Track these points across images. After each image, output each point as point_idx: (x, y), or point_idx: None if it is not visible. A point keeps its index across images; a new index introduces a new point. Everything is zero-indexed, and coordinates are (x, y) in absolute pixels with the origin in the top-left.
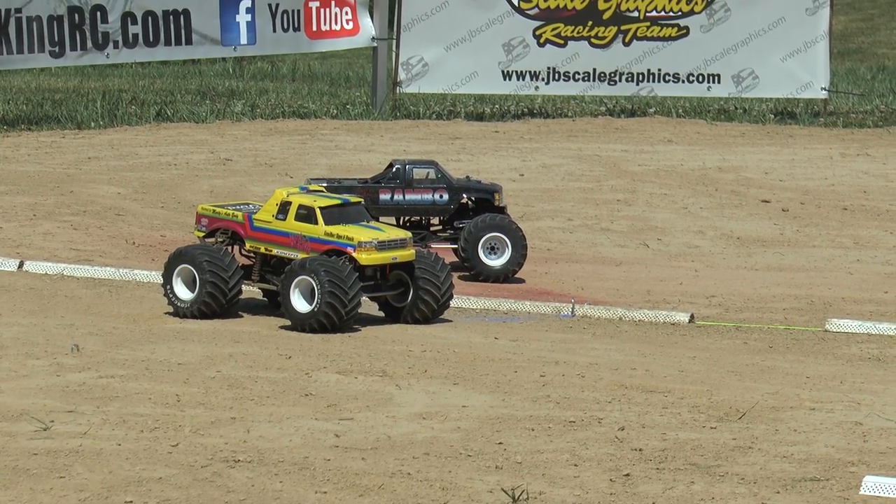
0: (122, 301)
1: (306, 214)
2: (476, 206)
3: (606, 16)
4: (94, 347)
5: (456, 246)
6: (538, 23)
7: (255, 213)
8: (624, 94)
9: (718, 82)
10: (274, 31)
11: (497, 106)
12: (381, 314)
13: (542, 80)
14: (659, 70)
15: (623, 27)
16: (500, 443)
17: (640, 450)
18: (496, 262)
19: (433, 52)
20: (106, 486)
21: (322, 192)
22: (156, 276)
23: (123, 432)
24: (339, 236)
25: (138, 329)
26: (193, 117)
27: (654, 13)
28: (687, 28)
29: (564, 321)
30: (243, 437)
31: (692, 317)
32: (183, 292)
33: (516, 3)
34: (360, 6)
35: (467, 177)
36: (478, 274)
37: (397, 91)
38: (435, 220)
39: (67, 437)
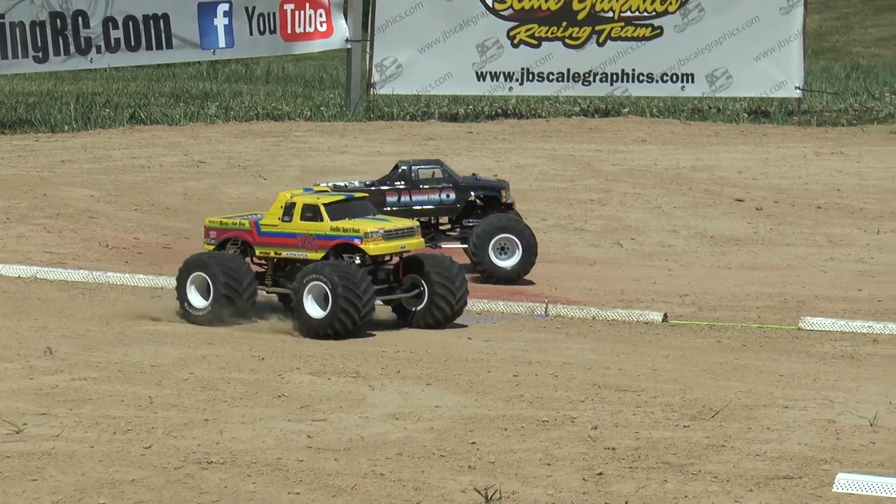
0: (96, 303)
1: (311, 214)
2: (484, 204)
3: (581, 16)
4: (66, 350)
5: (466, 246)
6: (512, 24)
7: (262, 219)
8: (598, 95)
9: (692, 82)
10: (251, 34)
11: (471, 107)
12: (394, 315)
13: (516, 80)
14: (633, 70)
15: (597, 27)
16: (473, 442)
17: (614, 449)
18: (507, 262)
19: (407, 53)
20: (79, 488)
21: (326, 192)
22: (128, 279)
23: (96, 434)
24: (345, 230)
25: (111, 331)
26: (167, 120)
27: (628, 13)
28: (661, 28)
29: (538, 321)
30: (216, 439)
31: (665, 316)
32: (197, 300)
33: (490, 4)
34: (334, 8)
35: (473, 174)
36: (489, 276)
37: (371, 92)
38: (443, 220)
39: (40, 439)
